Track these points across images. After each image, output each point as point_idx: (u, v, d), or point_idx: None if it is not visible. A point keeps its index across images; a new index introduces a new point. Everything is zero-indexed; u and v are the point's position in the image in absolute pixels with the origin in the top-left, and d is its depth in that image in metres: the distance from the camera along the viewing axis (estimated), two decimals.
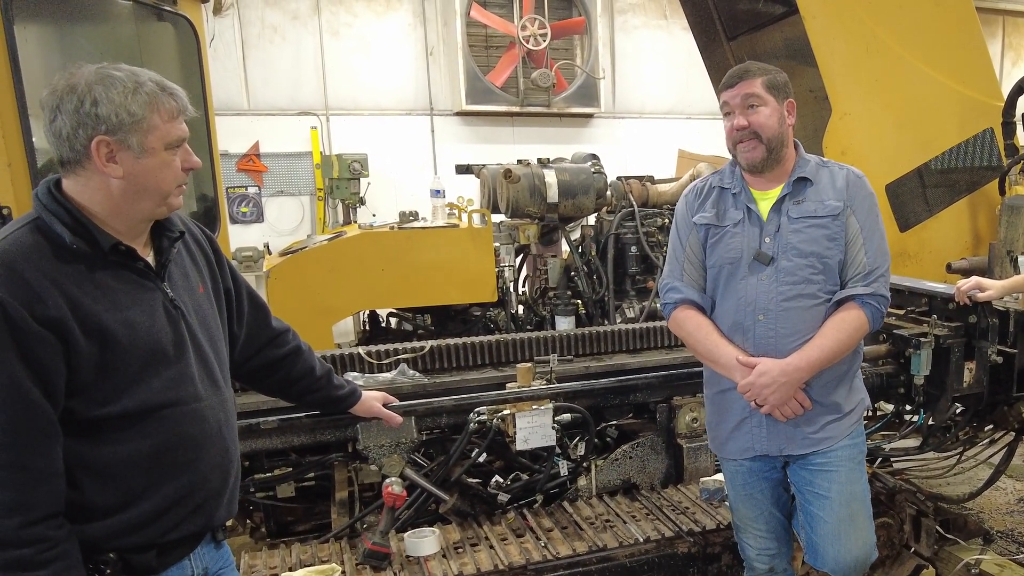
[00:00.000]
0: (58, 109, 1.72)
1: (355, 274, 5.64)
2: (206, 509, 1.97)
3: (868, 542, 2.75)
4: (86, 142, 1.73)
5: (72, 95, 1.72)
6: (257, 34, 10.93)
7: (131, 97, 1.74)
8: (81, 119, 1.71)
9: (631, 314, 6.10)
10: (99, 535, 1.80)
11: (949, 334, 3.57)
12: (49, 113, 1.74)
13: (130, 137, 1.75)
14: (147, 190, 1.81)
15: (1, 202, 3.48)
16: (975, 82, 5.77)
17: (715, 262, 2.70)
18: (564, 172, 6.14)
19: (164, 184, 1.83)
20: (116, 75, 1.75)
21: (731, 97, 2.60)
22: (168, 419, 1.85)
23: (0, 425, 1.64)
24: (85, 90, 1.72)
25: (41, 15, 3.80)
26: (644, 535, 3.17)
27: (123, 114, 1.73)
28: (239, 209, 10.91)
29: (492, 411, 3.26)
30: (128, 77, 1.76)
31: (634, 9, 12.84)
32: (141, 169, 1.78)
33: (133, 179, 1.78)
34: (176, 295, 1.92)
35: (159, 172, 1.81)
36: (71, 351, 1.70)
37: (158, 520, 1.86)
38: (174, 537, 1.91)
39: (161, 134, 1.79)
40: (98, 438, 1.77)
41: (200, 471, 1.93)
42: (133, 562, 1.84)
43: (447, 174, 7.88)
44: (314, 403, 2.69)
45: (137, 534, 1.84)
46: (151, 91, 1.78)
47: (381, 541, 2.96)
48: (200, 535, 2.00)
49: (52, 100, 1.73)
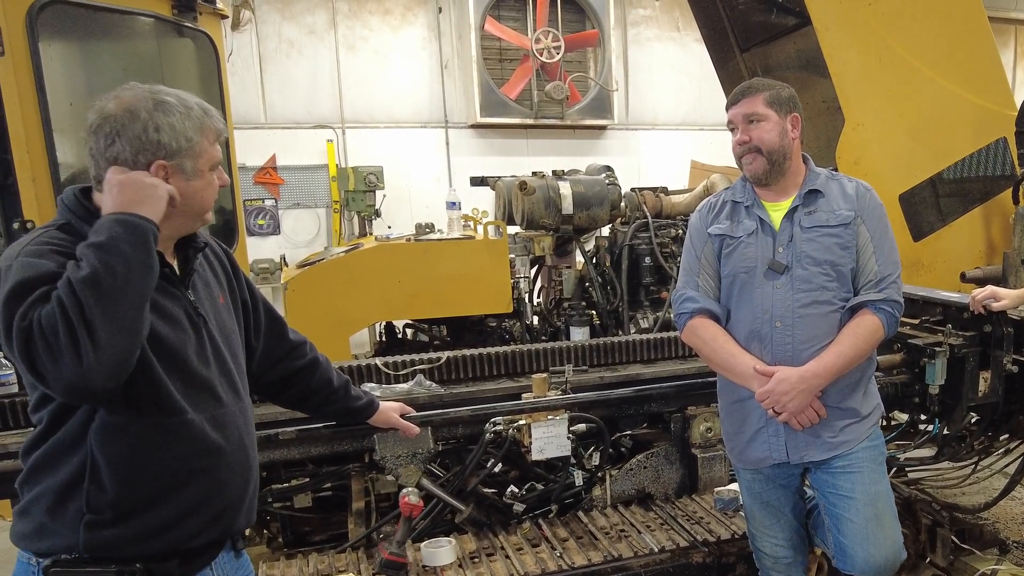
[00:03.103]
0: (117, 135, 1.76)
1: (372, 286, 5.67)
2: (226, 516, 1.99)
3: (896, 541, 2.76)
4: (145, 166, 1.78)
5: (135, 122, 1.76)
6: (274, 49, 11.03)
7: (186, 123, 1.82)
8: (143, 145, 1.77)
9: (645, 324, 6.11)
10: (124, 539, 1.82)
11: (964, 343, 3.56)
12: (106, 138, 1.77)
13: (185, 162, 1.83)
14: (193, 210, 1.89)
15: (25, 216, 3.53)
16: (988, 92, 5.77)
17: (730, 271, 2.73)
18: (579, 184, 6.16)
19: (207, 203, 1.92)
20: (169, 100, 1.82)
21: (734, 115, 2.69)
22: (191, 424, 1.88)
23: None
24: (147, 117, 1.77)
25: (65, 32, 3.86)
26: (659, 545, 3.18)
27: (181, 140, 1.81)
28: (256, 222, 10.98)
29: (508, 421, 3.28)
30: (179, 101, 1.83)
31: (647, 22, 12.88)
32: (191, 190, 1.85)
33: (184, 200, 1.84)
34: (199, 303, 1.96)
35: (204, 192, 1.89)
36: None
37: (179, 525, 1.88)
38: (195, 544, 1.93)
39: (208, 157, 1.88)
40: (123, 440, 1.80)
41: (220, 478, 1.96)
42: (157, 572, 1.87)
43: (462, 186, 7.91)
44: (332, 415, 2.72)
45: (159, 538, 1.86)
46: (198, 115, 1.85)
47: (398, 551, 2.97)
48: (220, 543, 2.02)
49: (110, 126, 1.76)
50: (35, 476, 1.84)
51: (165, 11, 4.11)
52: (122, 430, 1.79)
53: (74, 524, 1.79)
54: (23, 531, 1.86)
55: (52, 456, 1.81)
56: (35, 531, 1.83)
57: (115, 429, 1.79)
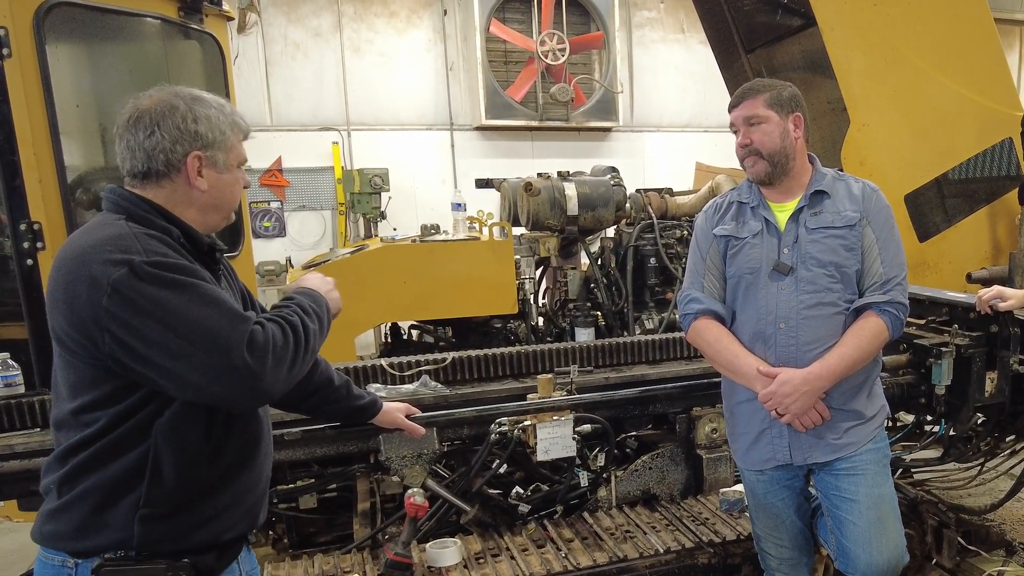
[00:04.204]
0: (157, 125, 1.82)
1: (377, 287, 5.69)
2: (254, 510, 2.04)
3: (899, 545, 2.75)
4: (183, 156, 1.84)
5: (174, 113, 1.83)
6: (280, 51, 11.07)
7: (221, 117, 1.89)
8: (182, 135, 1.83)
9: (650, 325, 6.12)
10: (175, 531, 1.84)
11: (970, 344, 3.56)
12: (144, 130, 1.82)
13: (218, 154, 1.89)
14: (222, 203, 1.96)
15: (32, 217, 3.54)
16: (993, 92, 5.77)
17: (735, 272, 2.73)
18: (584, 185, 6.17)
19: (234, 200, 1.99)
20: (205, 96, 1.90)
21: (735, 117, 2.69)
22: (239, 417, 1.93)
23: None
24: (186, 108, 1.85)
25: (72, 34, 3.86)
26: (664, 546, 3.18)
27: (216, 132, 1.88)
28: (261, 224, 11.02)
29: (513, 422, 3.28)
30: (213, 99, 1.91)
31: (652, 23, 12.89)
32: (222, 184, 1.92)
33: (214, 192, 1.91)
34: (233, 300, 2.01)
35: (233, 188, 1.97)
36: None
37: (220, 516, 1.91)
38: (229, 537, 1.96)
39: (237, 153, 1.95)
40: (191, 432, 1.82)
41: (255, 471, 2.01)
42: (200, 565, 1.89)
43: (467, 188, 7.93)
44: (334, 414, 2.72)
45: (203, 530, 1.89)
46: (230, 112, 1.94)
47: (403, 552, 2.98)
48: (245, 537, 2.06)
49: (149, 117, 1.83)
50: (80, 475, 1.81)
51: (171, 13, 4.12)
52: (192, 423, 1.82)
53: (126, 519, 1.79)
54: (58, 531, 1.83)
55: (105, 454, 1.79)
56: (75, 530, 1.81)
57: (183, 423, 1.81)
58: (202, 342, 1.69)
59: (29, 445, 2.84)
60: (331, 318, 2.10)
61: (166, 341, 1.68)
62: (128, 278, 1.68)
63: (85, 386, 1.79)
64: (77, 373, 1.80)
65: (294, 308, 1.94)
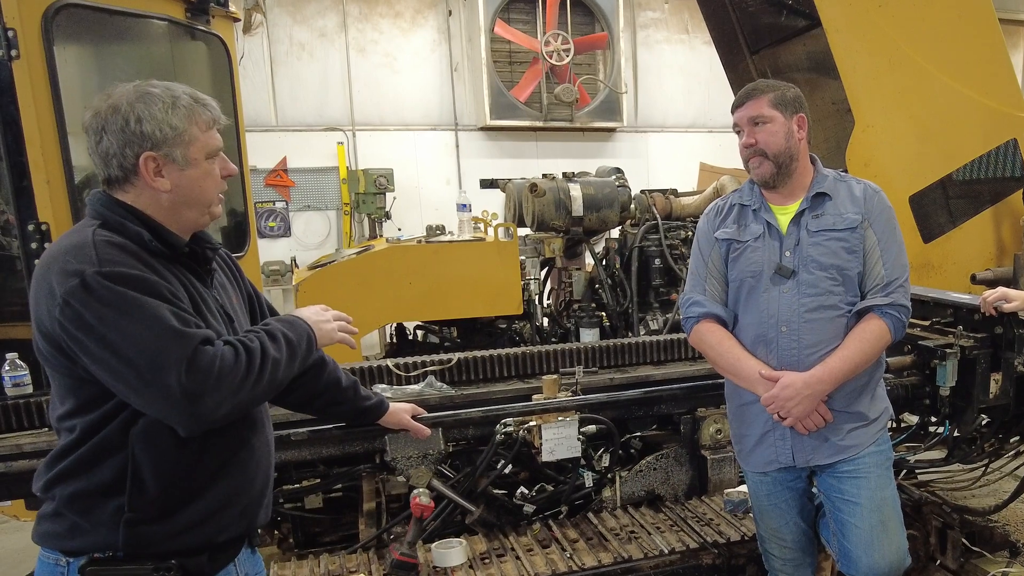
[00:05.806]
0: (103, 130, 1.79)
1: (383, 287, 5.69)
2: (250, 511, 2.02)
3: (901, 547, 2.76)
4: (134, 159, 1.80)
5: (116, 115, 1.78)
6: (285, 52, 11.09)
7: (171, 112, 1.82)
8: (128, 138, 1.78)
9: (655, 326, 6.11)
10: (162, 534, 1.84)
11: (975, 345, 3.56)
12: (95, 135, 1.80)
13: (174, 151, 1.82)
14: (193, 199, 1.89)
15: (40, 218, 3.56)
16: (998, 93, 5.75)
17: (736, 275, 2.74)
18: (589, 186, 6.17)
19: (207, 193, 1.91)
20: (154, 92, 1.82)
21: (739, 118, 2.69)
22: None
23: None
24: (128, 109, 1.78)
25: (80, 35, 3.88)
26: (669, 546, 3.19)
27: (166, 129, 1.80)
28: (267, 224, 11.05)
29: (518, 423, 3.29)
30: (164, 92, 1.83)
31: (656, 24, 12.89)
32: (186, 180, 1.86)
33: (180, 190, 1.85)
34: (225, 302, 2.01)
35: (202, 182, 1.89)
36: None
37: (211, 519, 1.91)
38: (223, 539, 1.96)
39: (201, 145, 1.87)
40: (165, 440, 1.81)
41: (249, 472, 1.99)
42: (189, 566, 1.89)
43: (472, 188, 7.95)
44: (341, 415, 2.72)
45: (193, 533, 1.88)
46: (187, 104, 1.85)
47: (408, 552, 2.98)
48: (243, 539, 2.05)
49: (96, 122, 1.80)
50: (67, 480, 1.83)
51: (178, 14, 4.14)
52: (166, 430, 1.79)
53: (113, 523, 1.81)
54: (53, 531, 1.86)
55: (87, 461, 1.81)
56: (68, 530, 1.83)
57: (158, 431, 1.80)
58: (138, 362, 1.67)
59: (37, 445, 2.86)
60: (314, 348, 2.08)
61: (106, 358, 1.67)
62: (78, 291, 1.66)
63: (63, 394, 1.82)
64: (55, 381, 1.83)
65: (260, 333, 1.91)
